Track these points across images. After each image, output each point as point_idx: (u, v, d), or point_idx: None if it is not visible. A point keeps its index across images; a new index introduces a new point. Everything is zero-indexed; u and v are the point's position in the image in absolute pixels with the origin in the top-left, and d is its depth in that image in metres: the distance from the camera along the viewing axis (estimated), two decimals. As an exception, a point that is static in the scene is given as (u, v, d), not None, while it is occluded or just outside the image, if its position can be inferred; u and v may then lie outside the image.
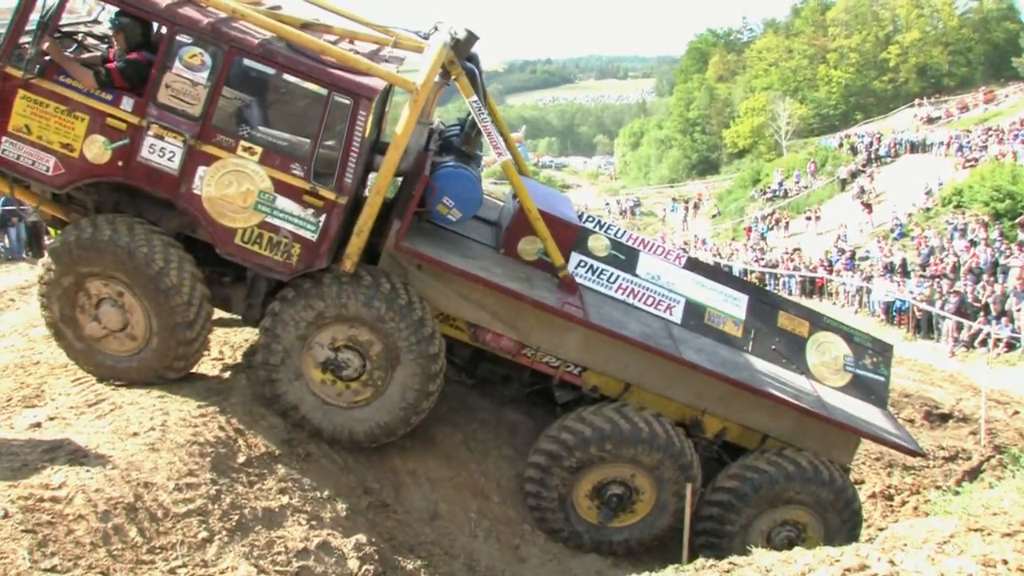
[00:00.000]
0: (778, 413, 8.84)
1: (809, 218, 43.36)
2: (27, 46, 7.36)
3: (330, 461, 7.92)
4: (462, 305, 8.45)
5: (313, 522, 6.83)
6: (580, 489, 8.65)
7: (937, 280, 26.00)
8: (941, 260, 28.21)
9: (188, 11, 7.48)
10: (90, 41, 8.64)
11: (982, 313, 23.24)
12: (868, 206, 40.55)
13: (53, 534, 5.65)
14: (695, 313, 9.31)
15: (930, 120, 55.08)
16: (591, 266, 9.08)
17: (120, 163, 7.53)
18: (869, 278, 28.79)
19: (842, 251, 33.66)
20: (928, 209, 36.48)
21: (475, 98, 8.18)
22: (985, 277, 25.18)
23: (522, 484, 8.76)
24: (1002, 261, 26.49)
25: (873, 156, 48.15)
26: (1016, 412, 16.28)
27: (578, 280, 8.89)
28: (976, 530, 5.15)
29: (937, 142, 44.95)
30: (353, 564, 6.69)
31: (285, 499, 6.94)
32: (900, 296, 25.88)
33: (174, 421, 7.26)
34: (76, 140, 7.48)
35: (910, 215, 36.60)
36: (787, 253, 35.65)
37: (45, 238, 20.37)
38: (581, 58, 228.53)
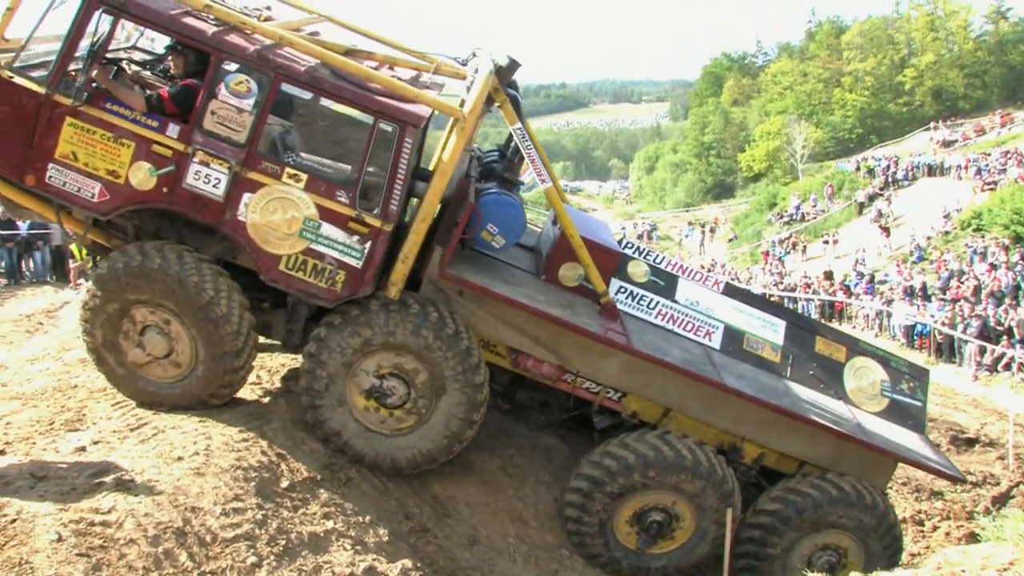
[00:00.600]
0: (816, 438, 8.83)
1: (827, 242, 43.31)
2: (74, 73, 7.45)
3: (370, 486, 7.94)
4: (503, 331, 8.48)
5: (358, 547, 6.84)
6: (621, 515, 8.64)
7: (958, 303, 25.88)
8: (962, 283, 28.09)
9: (234, 38, 7.55)
10: (133, 67, 8.74)
11: (1005, 337, 23.11)
12: (886, 229, 40.46)
13: (106, 558, 5.69)
14: (734, 339, 9.33)
15: (946, 143, 54.99)
16: (631, 292, 9.11)
17: (165, 189, 7.56)
18: (889, 302, 28.68)
19: (861, 275, 33.57)
20: (947, 232, 36.39)
21: (519, 125, 8.20)
22: (1007, 300, 25.06)
23: (562, 509, 8.76)
24: (1024, 285, 26.41)
25: (891, 179, 48.07)
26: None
27: (618, 306, 8.90)
28: (1034, 557, 5.14)
29: (955, 165, 44.86)
30: (399, 589, 6.72)
31: (329, 524, 6.96)
32: (921, 320, 25.77)
33: (217, 446, 7.30)
34: (122, 167, 7.50)
35: (929, 238, 36.51)
36: (805, 277, 35.60)
37: (70, 262, 20.57)
38: (595, 82, 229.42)
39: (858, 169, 54.03)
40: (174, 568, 5.90)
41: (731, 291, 9.76)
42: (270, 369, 9.31)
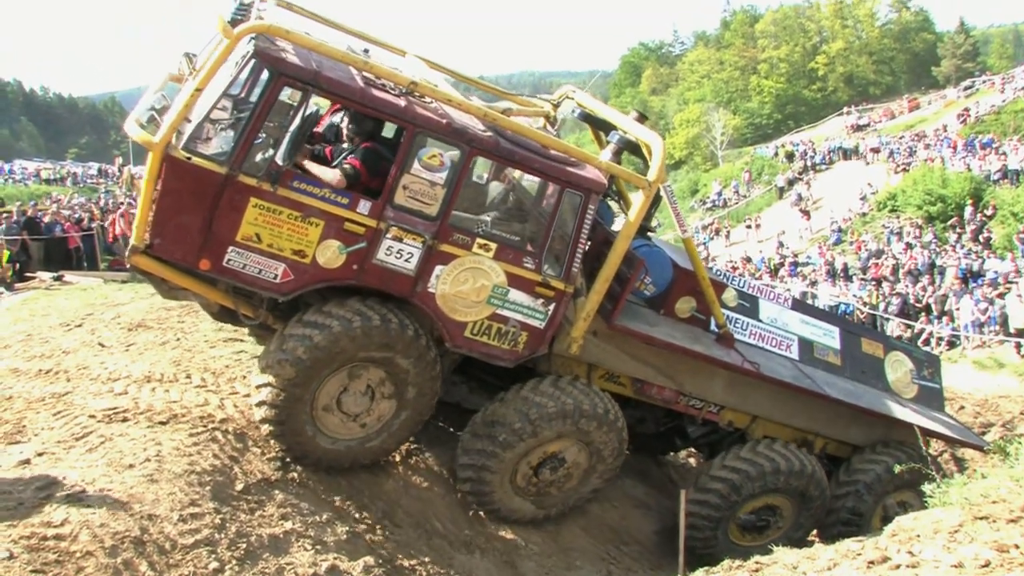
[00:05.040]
0: (874, 426, 9.79)
1: (749, 226, 44.24)
2: (264, 152, 7.13)
3: (324, 485, 7.86)
4: (631, 364, 8.93)
5: (318, 546, 6.78)
6: (751, 505, 9.44)
7: (878, 283, 26.70)
8: (880, 263, 29.00)
9: (425, 111, 7.39)
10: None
11: (924, 313, 23.94)
12: (806, 213, 41.53)
13: (63, 573, 5.51)
14: (807, 349, 9.97)
15: (857, 128, 56.66)
16: (727, 316, 9.41)
17: (355, 267, 7.36)
18: (814, 283, 29.44)
19: (784, 257, 34.41)
20: (864, 214, 37.56)
21: (668, 182, 8.61)
22: (925, 278, 25.95)
23: (709, 485, 9.33)
24: (938, 262, 27.37)
25: (809, 164, 49.33)
26: (962, 407, 16.76)
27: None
28: (981, 518, 5.37)
29: (869, 149, 46.27)
30: (363, 586, 6.70)
31: (288, 524, 6.89)
32: (844, 300, 26.51)
33: (168, 451, 7.16)
34: (309, 246, 7.20)
35: (847, 220, 37.59)
36: (730, 262, 36.29)
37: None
38: (513, 74, 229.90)
39: (776, 155, 55.32)
40: (134, 578, 5.78)
41: (797, 305, 10.47)
42: (215, 371, 9.16)
